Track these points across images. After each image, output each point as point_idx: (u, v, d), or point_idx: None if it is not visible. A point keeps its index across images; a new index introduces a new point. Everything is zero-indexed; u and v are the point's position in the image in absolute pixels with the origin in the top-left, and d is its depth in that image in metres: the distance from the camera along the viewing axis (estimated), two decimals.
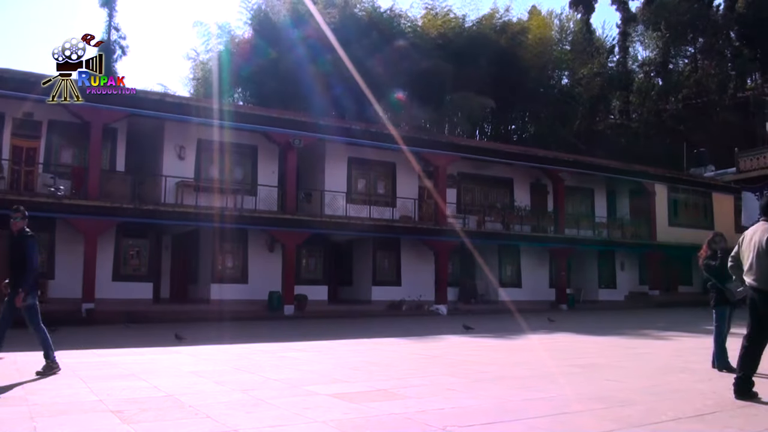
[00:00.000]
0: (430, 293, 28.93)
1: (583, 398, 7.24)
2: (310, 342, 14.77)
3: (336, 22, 36.48)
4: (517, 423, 6.04)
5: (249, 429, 5.68)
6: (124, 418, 6.18)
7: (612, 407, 6.71)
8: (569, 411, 6.59)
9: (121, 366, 10.26)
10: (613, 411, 6.52)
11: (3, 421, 6.09)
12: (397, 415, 6.29)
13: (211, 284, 26.04)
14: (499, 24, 40.64)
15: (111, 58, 38.88)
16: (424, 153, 29.37)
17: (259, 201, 26.72)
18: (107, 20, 38.86)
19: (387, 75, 35.13)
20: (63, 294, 22.71)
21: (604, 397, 7.26)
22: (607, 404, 6.88)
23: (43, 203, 21.65)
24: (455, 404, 6.93)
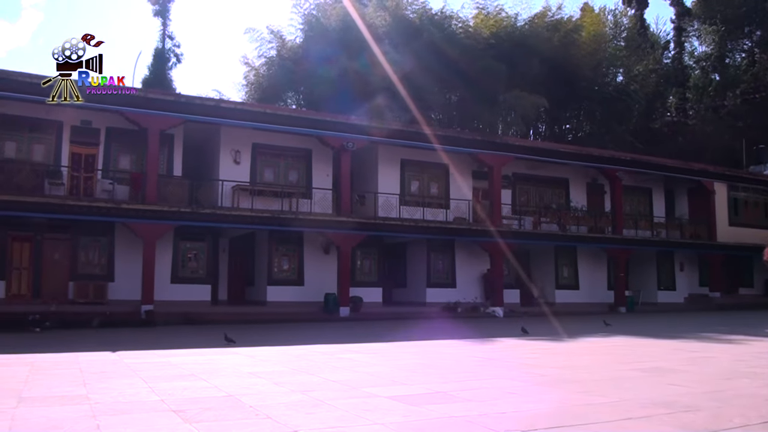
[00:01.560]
0: None
1: (646, 403, 7.07)
2: (366, 344, 14.80)
3: (387, 25, 36.49)
4: (580, 428, 5.92)
5: (309, 430, 5.68)
6: (186, 417, 6.25)
7: (676, 413, 6.55)
8: (633, 416, 6.44)
9: (182, 366, 10.40)
10: (678, 417, 6.36)
11: (66, 419, 6.22)
12: (458, 418, 6.24)
13: (267, 286, 26.34)
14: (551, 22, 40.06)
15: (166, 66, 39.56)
16: (478, 154, 29.23)
17: (314, 204, 26.92)
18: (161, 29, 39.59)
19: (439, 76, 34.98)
20: (122, 296, 23.34)
21: (668, 403, 7.09)
22: (672, 409, 6.71)
23: (103, 208, 22.26)
24: (516, 408, 6.84)
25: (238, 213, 24.42)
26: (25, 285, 23.60)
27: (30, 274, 23.66)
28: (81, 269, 24.16)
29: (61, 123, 24.02)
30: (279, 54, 40.64)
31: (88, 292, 23.60)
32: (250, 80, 42.38)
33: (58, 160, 23.98)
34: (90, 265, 24.37)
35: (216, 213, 23.99)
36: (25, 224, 23.14)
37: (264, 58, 41.30)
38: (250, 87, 42.32)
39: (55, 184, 23.18)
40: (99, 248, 24.56)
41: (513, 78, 35.72)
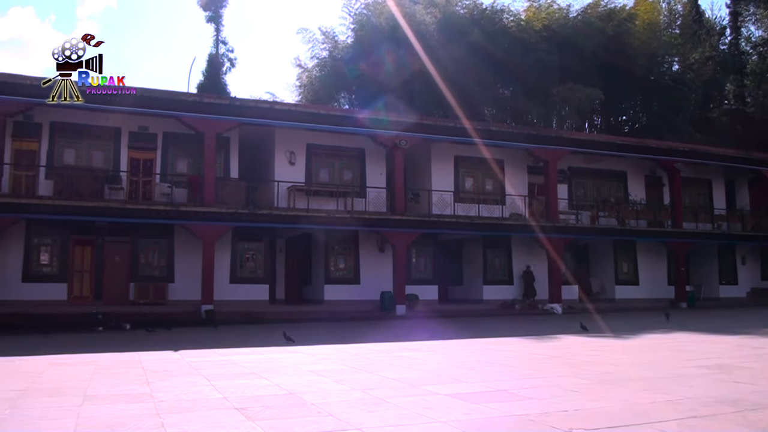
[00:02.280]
0: (543, 292, 28.38)
1: (712, 401, 6.88)
2: (424, 342, 14.75)
3: (437, 22, 36.34)
4: (645, 427, 5.78)
5: (372, 428, 5.68)
6: (249, 415, 6.31)
7: (743, 411, 6.36)
8: (698, 414, 6.28)
9: (242, 365, 10.52)
10: (745, 415, 6.17)
11: (131, 417, 6.33)
12: (520, 417, 6.17)
13: (324, 285, 26.53)
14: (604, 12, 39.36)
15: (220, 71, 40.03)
16: (533, 148, 28.91)
17: (369, 202, 27.01)
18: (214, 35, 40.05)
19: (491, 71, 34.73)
20: (182, 296, 23.80)
21: (734, 401, 6.89)
22: (738, 407, 6.52)
23: (161, 211, 22.78)
24: (579, 406, 6.73)
25: (294, 213, 24.64)
26: (86, 287, 24.23)
27: (91, 277, 24.26)
28: (141, 271, 24.71)
29: (119, 129, 24.67)
30: (331, 54, 40.83)
31: (148, 293, 24.13)
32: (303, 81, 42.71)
33: (117, 166, 24.61)
34: (150, 266, 24.90)
35: (272, 213, 24.28)
36: (87, 228, 23.73)
37: (316, 59, 41.58)
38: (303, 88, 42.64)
39: (114, 189, 23.81)
40: (159, 250, 25.07)
41: (566, 70, 35.26)
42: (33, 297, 22.65)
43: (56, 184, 23.41)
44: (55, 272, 23.88)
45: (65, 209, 21.82)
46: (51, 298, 22.95)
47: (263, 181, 26.51)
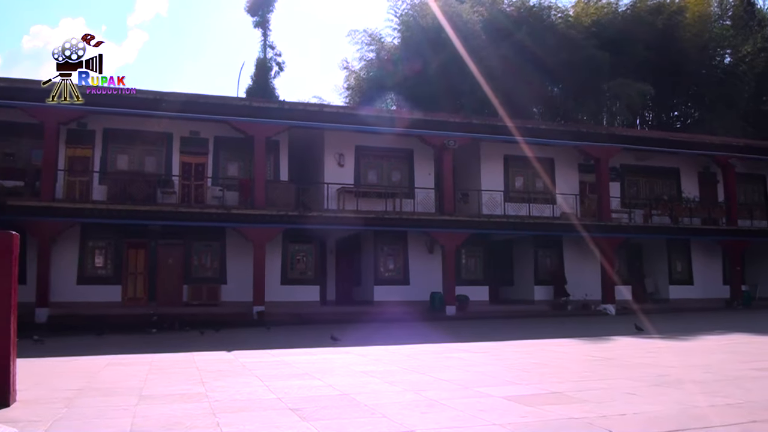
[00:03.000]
0: (596, 292, 27.93)
1: None
2: (475, 343, 14.63)
3: (484, 20, 36.15)
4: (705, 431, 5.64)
5: (426, 430, 5.60)
6: (303, 415, 6.30)
7: None
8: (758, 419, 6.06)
9: (295, 365, 10.54)
10: None
11: (187, 416, 6.37)
12: (578, 420, 6.04)
13: (374, 286, 26.57)
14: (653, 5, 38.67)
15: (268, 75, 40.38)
16: (584, 146, 28.53)
17: (417, 203, 26.99)
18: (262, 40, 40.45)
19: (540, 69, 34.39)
20: (234, 298, 24.14)
21: None
22: None
23: (213, 214, 23.11)
24: (637, 409, 6.57)
25: (344, 215, 24.76)
26: (140, 289, 24.71)
27: (145, 279, 24.75)
28: (194, 273, 25.09)
29: (171, 134, 25.15)
30: (378, 56, 40.91)
31: (201, 294, 24.49)
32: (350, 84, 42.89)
33: (169, 170, 25.08)
34: (203, 268, 25.27)
35: (322, 215, 24.44)
36: (140, 231, 24.19)
37: (364, 61, 41.73)
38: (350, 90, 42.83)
39: (167, 193, 24.25)
40: (211, 252, 25.43)
41: (616, 66, 34.74)
42: (88, 299, 23.20)
43: (110, 189, 23.93)
44: (109, 274, 24.42)
45: (119, 213, 22.34)
46: (105, 300, 23.48)
47: (313, 183, 26.69)
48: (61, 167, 23.70)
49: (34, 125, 22.64)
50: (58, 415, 6.46)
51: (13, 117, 23.01)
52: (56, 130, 22.74)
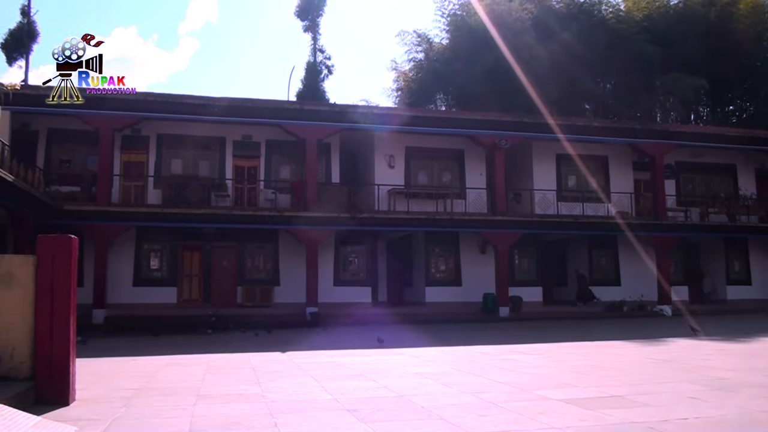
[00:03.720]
0: (652, 293, 27.36)
1: None
2: (530, 344, 14.48)
3: (533, 18, 35.76)
4: None
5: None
6: (360, 417, 6.31)
7: None
8: None
9: (349, 366, 10.57)
10: None
11: (245, 416, 6.45)
12: (638, 425, 5.94)
13: (425, 287, 26.49)
14: None
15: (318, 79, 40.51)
16: (638, 144, 28.01)
17: (469, 204, 26.83)
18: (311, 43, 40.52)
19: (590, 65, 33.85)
20: (288, 299, 24.33)
21: None
22: None
23: (266, 216, 23.37)
24: (699, 414, 6.44)
25: (395, 216, 24.76)
26: (195, 290, 25.07)
27: (200, 281, 25.11)
28: (248, 274, 25.37)
29: (224, 139, 25.51)
30: (427, 56, 40.73)
31: (255, 295, 24.74)
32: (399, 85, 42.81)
33: (223, 174, 25.45)
34: (256, 270, 25.53)
35: (373, 217, 24.48)
36: (195, 234, 24.55)
37: (413, 62, 41.56)
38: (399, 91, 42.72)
39: (221, 196, 24.59)
40: (264, 254, 25.69)
41: (669, 60, 33.99)
42: (143, 300, 23.62)
43: (164, 193, 24.39)
44: (164, 276, 24.83)
45: (173, 216, 22.72)
46: (161, 302, 23.86)
47: (364, 184, 26.73)
48: (116, 172, 24.22)
49: (90, 132, 23.20)
50: (117, 415, 6.58)
51: (68, 125, 23.67)
52: (111, 137, 23.24)
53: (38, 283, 7.08)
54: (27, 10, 33.77)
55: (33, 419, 5.80)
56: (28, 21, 33.54)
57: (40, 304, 7.05)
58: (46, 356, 7.02)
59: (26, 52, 33.49)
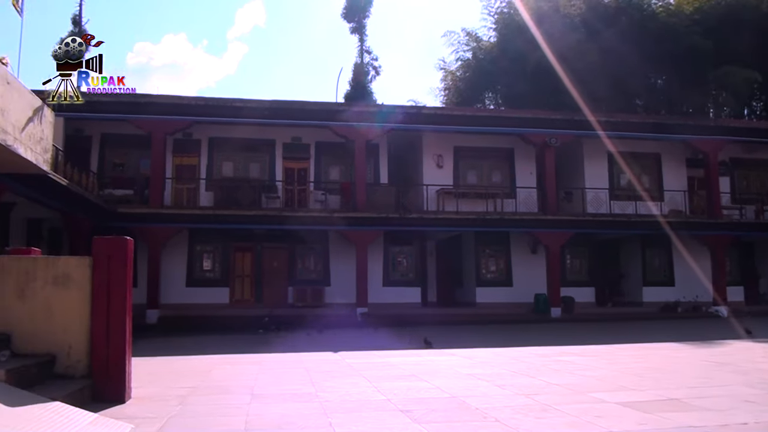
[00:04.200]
0: (707, 293, 26.72)
1: None
2: (583, 346, 14.29)
3: (582, 14, 35.35)
4: None
5: None
6: (414, 417, 6.29)
7: None
8: None
9: (401, 367, 10.56)
10: None
11: (300, 416, 6.49)
12: (698, 429, 5.82)
13: (476, 288, 26.35)
14: None
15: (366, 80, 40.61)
16: (691, 140, 27.35)
17: (519, 203, 26.60)
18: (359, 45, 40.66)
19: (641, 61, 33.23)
20: (338, 300, 24.44)
21: None
22: None
23: (317, 217, 23.47)
24: (759, 418, 6.27)
25: (444, 216, 24.66)
26: (247, 291, 25.37)
27: (252, 281, 25.40)
28: (299, 275, 25.61)
29: (273, 141, 25.79)
30: (475, 55, 40.59)
31: (306, 296, 24.94)
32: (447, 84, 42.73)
33: (273, 175, 25.70)
34: (307, 271, 25.76)
35: (422, 217, 24.44)
36: (246, 235, 24.81)
37: (460, 61, 41.48)
38: (447, 91, 42.67)
39: (271, 198, 24.83)
40: (314, 255, 25.91)
41: (721, 54, 33.21)
42: (196, 300, 24.00)
43: (216, 195, 24.75)
44: (217, 277, 25.19)
45: (225, 218, 23.06)
46: (213, 302, 24.18)
47: (412, 185, 26.70)
48: (168, 175, 24.64)
49: (142, 136, 23.68)
50: (172, 413, 6.66)
51: (121, 129, 24.29)
52: (163, 141, 23.67)
53: (94, 283, 7.22)
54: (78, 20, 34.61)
55: (90, 416, 5.91)
56: (80, 30, 34.32)
57: (96, 304, 7.19)
58: (102, 355, 7.15)
59: None
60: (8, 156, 13.43)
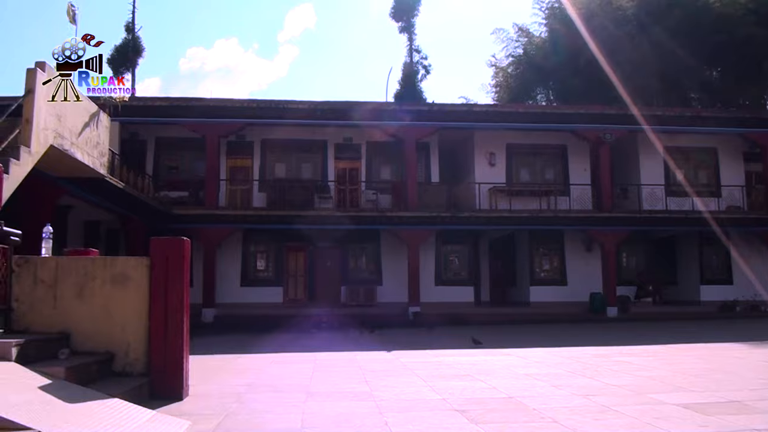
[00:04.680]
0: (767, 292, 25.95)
1: None
2: (641, 346, 14.02)
3: (634, 6, 34.79)
4: None
5: None
6: (471, 417, 6.24)
7: None
8: None
9: (456, 366, 10.49)
10: None
11: (355, 414, 6.49)
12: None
13: (529, 287, 26.10)
14: None
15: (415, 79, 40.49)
16: (748, 133, 26.63)
17: (573, 200, 26.23)
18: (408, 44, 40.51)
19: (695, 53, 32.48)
20: (390, 299, 24.54)
21: None
22: None
23: (368, 217, 23.60)
24: None
25: (496, 214, 24.54)
26: (300, 290, 25.61)
27: (305, 281, 25.65)
28: (351, 274, 25.76)
29: (325, 142, 25.98)
30: (526, 51, 40.29)
31: (358, 295, 25.05)
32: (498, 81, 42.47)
33: (325, 176, 25.86)
34: (359, 270, 25.92)
35: (474, 216, 24.32)
36: (299, 235, 25.01)
37: (511, 58, 41.25)
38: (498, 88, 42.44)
39: (323, 198, 24.95)
40: (367, 254, 26.07)
41: None
42: (250, 300, 24.29)
43: (269, 196, 25.07)
44: (270, 277, 25.51)
45: (278, 219, 23.29)
46: (267, 301, 24.44)
47: (464, 183, 26.55)
48: (222, 177, 24.99)
49: (196, 140, 24.14)
50: (230, 410, 6.73)
51: (175, 133, 24.80)
52: (217, 143, 24.03)
53: (152, 283, 7.33)
54: (131, 27, 35.31)
55: (148, 413, 6.00)
56: (133, 37, 35.08)
57: (154, 303, 7.30)
58: (160, 353, 7.26)
59: (132, 66, 35.04)
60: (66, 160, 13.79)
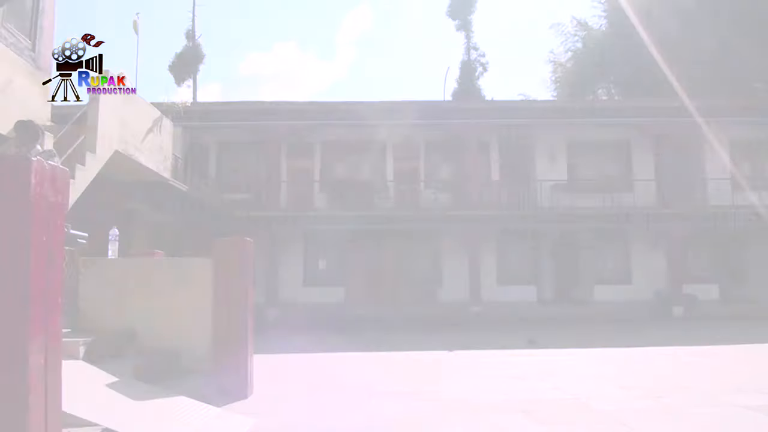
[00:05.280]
0: None
1: None
2: (709, 346, 13.61)
3: None
4: None
5: None
6: (536, 419, 6.17)
7: None
8: None
9: (519, 366, 10.38)
10: None
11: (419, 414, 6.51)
12: None
13: (593, 285, 25.59)
14: None
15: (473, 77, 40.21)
16: None
17: (637, 197, 25.56)
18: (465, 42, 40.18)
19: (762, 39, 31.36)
20: (451, 298, 24.26)
21: None
22: None
23: (429, 216, 23.52)
24: None
25: (558, 212, 24.12)
26: (361, 290, 25.58)
27: (365, 280, 25.61)
28: (412, 274, 25.58)
29: (384, 142, 25.87)
30: (585, 45, 39.60)
31: (419, 295, 24.88)
32: (557, 76, 41.87)
33: (384, 176, 25.72)
34: (419, 269, 25.73)
35: (536, 213, 24.00)
36: (360, 235, 25.03)
37: (570, 52, 40.54)
38: (557, 83, 41.81)
39: (383, 198, 24.91)
40: (427, 254, 25.86)
41: None
42: (312, 299, 24.39)
43: (329, 197, 25.14)
44: (332, 276, 25.56)
45: (339, 219, 23.34)
46: (329, 301, 24.53)
47: (525, 181, 26.20)
48: (283, 179, 25.20)
49: (257, 142, 24.38)
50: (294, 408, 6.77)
51: (237, 137, 25.12)
52: (278, 145, 24.20)
53: (216, 282, 7.42)
54: (192, 34, 35.88)
55: (214, 410, 6.09)
56: (193, 44, 35.63)
57: (218, 302, 7.38)
58: (225, 352, 7.34)
59: (193, 73, 35.57)
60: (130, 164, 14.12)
